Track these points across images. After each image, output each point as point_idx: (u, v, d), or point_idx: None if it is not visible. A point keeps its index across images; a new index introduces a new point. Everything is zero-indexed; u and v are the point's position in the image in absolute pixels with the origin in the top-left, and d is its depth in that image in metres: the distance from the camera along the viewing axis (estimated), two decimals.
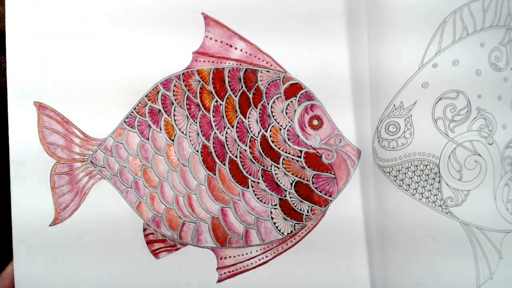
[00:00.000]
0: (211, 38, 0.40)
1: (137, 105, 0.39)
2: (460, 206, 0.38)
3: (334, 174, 0.40)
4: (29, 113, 0.37)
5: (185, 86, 0.40)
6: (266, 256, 0.40)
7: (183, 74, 0.40)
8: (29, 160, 0.37)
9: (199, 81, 0.40)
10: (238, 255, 0.40)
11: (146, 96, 0.39)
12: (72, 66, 0.38)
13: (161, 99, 0.39)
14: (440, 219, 0.38)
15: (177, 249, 0.40)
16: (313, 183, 0.40)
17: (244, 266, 0.40)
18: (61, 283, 0.38)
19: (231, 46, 0.40)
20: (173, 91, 0.40)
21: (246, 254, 0.40)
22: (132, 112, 0.39)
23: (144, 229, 0.39)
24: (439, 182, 0.38)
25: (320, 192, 0.40)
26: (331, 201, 0.40)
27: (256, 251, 0.40)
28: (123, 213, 0.39)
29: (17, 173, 0.36)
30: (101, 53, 0.38)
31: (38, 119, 0.37)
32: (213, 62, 0.40)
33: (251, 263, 0.40)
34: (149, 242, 0.39)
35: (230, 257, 0.40)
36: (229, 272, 0.40)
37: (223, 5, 0.40)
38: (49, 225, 0.38)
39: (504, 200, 0.38)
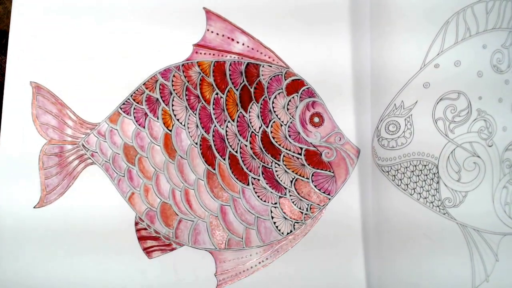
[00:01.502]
0: (212, 32, 0.39)
1: (134, 92, 0.38)
2: (458, 207, 0.38)
3: (333, 173, 0.40)
4: (24, 92, 0.36)
5: (185, 77, 0.39)
6: (266, 259, 0.39)
7: (182, 65, 0.39)
8: (20, 138, 0.36)
9: (199, 73, 0.39)
10: (238, 258, 0.39)
11: (143, 84, 0.38)
12: (71, 49, 0.37)
13: (159, 88, 0.38)
14: (437, 219, 0.38)
15: (173, 249, 0.38)
16: (312, 181, 0.40)
17: (243, 270, 0.39)
18: (44, 269, 0.37)
19: (232, 39, 0.39)
20: (172, 81, 0.39)
21: (246, 257, 0.39)
22: (128, 99, 0.38)
23: (136, 223, 0.37)
24: (438, 182, 0.38)
25: (319, 190, 0.40)
26: (329, 199, 0.40)
27: (256, 253, 0.39)
28: (113, 202, 0.37)
29: (6, 151, 0.36)
30: (102, 40, 0.38)
31: (33, 99, 0.36)
32: (213, 55, 0.39)
33: (251, 266, 0.39)
34: (141, 238, 0.37)
35: (229, 260, 0.38)
36: (228, 278, 0.38)
37: (227, 1, 0.40)
38: (34, 207, 0.36)
39: (502, 203, 0.38)
